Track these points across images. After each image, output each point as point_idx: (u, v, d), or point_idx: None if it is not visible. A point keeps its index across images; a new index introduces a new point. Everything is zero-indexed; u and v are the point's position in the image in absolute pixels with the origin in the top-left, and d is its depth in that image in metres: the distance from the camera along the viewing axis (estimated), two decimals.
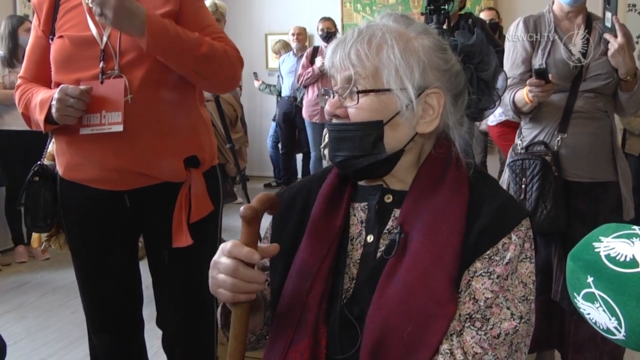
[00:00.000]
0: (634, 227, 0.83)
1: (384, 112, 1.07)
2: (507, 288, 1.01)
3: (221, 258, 1.02)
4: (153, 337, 2.36)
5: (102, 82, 1.79)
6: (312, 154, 6.38)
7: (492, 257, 1.02)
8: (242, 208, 1.02)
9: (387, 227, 1.11)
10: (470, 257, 1.03)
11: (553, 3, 2.39)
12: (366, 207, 1.15)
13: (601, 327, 0.82)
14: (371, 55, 1.07)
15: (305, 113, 6.22)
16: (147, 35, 1.72)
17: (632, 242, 0.80)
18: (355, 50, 1.07)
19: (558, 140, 2.29)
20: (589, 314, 0.83)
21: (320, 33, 6.24)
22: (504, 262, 1.01)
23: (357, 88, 1.07)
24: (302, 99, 6.33)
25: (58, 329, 3.50)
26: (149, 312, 2.15)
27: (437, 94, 1.09)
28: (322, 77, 5.97)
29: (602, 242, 0.83)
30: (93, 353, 2.15)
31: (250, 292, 1.02)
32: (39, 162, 2.04)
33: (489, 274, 1.01)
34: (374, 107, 1.07)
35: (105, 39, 1.82)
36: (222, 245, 1.04)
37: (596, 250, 0.82)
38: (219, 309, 1.21)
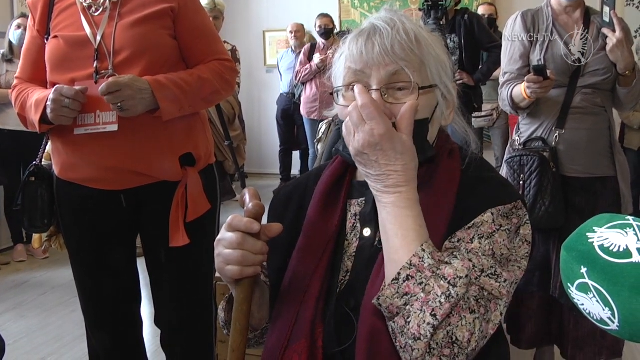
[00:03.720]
0: (628, 217, 0.82)
1: (428, 108, 1.07)
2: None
3: (225, 234, 1.01)
4: (153, 336, 2.36)
5: (96, 82, 1.78)
6: (310, 151, 6.37)
7: (471, 227, 1.01)
8: (251, 205, 1.00)
9: None
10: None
11: None
12: (363, 202, 1.14)
13: (595, 317, 0.82)
14: (416, 49, 1.04)
15: (303, 110, 6.20)
16: (160, 101, 1.77)
17: (626, 232, 0.80)
18: (398, 43, 1.03)
19: (556, 136, 2.29)
20: (582, 304, 0.83)
21: (317, 30, 6.22)
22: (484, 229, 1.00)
23: (418, 84, 1.03)
24: (300, 96, 6.32)
25: (57, 327, 3.50)
26: (149, 310, 2.15)
27: (454, 86, 1.12)
28: (319, 74, 5.96)
29: (596, 232, 0.82)
30: (92, 352, 2.15)
31: (256, 264, 1.01)
32: (34, 163, 2.04)
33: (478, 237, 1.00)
34: (424, 104, 1.05)
35: (99, 38, 1.82)
36: (223, 225, 1.03)
37: (590, 240, 0.82)
38: (221, 305, 1.21)
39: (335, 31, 6.21)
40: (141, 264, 2.09)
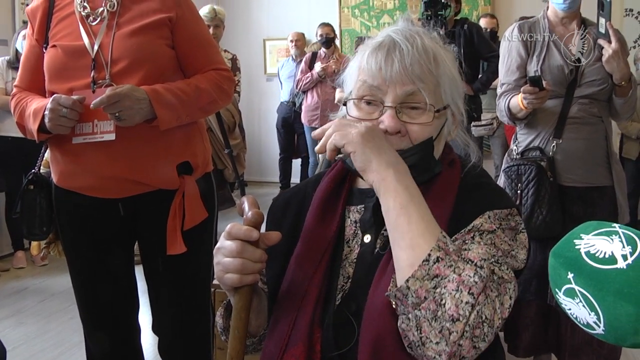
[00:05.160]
0: (614, 224, 0.85)
1: (437, 127, 1.08)
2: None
3: (224, 243, 1.02)
4: (152, 343, 2.36)
5: (94, 92, 1.79)
6: (311, 159, 6.39)
7: (471, 229, 1.02)
8: (250, 214, 1.01)
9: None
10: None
11: (548, 8, 2.41)
12: (362, 209, 1.15)
13: (581, 322, 0.84)
14: (434, 70, 1.05)
15: (304, 118, 6.23)
16: (157, 111, 1.78)
17: (612, 239, 0.83)
18: (417, 63, 1.04)
19: (553, 146, 2.30)
20: (569, 309, 0.85)
21: (319, 39, 6.25)
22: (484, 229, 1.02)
23: (434, 107, 1.05)
24: (300, 104, 6.35)
25: (57, 334, 3.50)
26: (148, 317, 2.16)
27: (463, 104, 1.13)
28: (320, 82, 5.99)
29: (583, 239, 0.85)
30: (90, 358, 2.16)
31: (255, 272, 1.02)
32: (33, 171, 2.05)
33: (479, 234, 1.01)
34: (434, 124, 1.07)
35: (96, 48, 1.83)
36: (222, 234, 1.04)
37: (577, 247, 0.85)
38: (219, 312, 1.21)
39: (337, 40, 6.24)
40: (139, 272, 2.10)
